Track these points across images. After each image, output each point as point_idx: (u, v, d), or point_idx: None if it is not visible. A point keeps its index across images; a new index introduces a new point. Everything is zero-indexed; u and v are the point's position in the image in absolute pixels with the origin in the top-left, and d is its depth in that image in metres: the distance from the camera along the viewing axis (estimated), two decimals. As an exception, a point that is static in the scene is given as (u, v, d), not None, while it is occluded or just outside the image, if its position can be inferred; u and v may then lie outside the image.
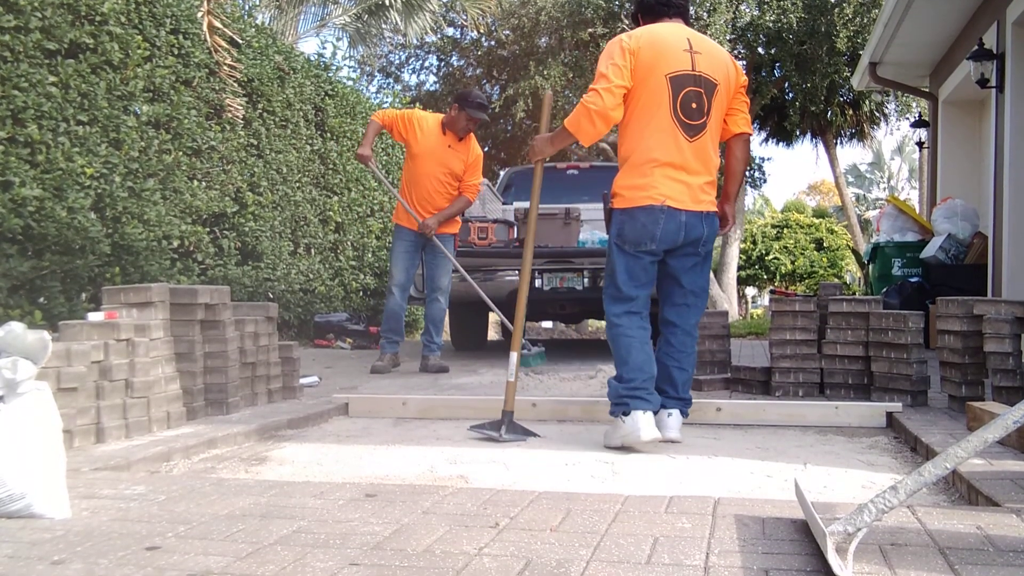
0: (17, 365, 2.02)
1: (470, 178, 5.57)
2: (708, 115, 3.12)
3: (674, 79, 3.07)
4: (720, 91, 3.14)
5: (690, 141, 3.10)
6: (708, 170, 3.16)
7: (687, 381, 3.27)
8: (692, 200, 3.12)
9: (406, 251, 5.52)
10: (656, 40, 3.11)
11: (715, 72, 3.13)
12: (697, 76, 3.09)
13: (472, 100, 5.48)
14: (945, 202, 7.49)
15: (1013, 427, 1.73)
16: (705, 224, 3.16)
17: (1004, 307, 3.34)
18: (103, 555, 1.72)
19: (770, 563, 1.65)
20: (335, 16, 14.82)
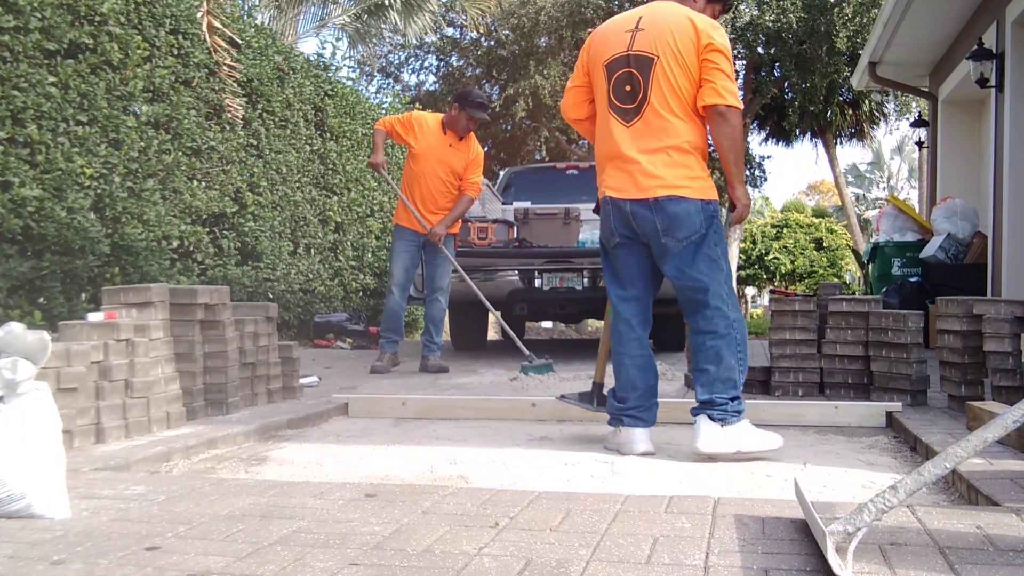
0: (17, 365, 2.02)
1: (471, 175, 5.58)
2: (646, 93, 2.88)
3: (608, 65, 2.97)
4: (661, 64, 2.86)
5: (627, 126, 2.93)
6: (658, 151, 2.88)
7: (708, 382, 2.91)
8: (635, 188, 2.91)
9: (406, 251, 5.52)
10: (604, 29, 3.06)
11: (652, 45, 2.88)
12: (630, 55, 2.92)
13: (472, 99, 5.48)
14: (945, 202, 7.49)
15: (1013, 427, 1.73)
16: (655, 211, 2.88)
17: (1004, 307, 3.34)
18: (103, 555, 1.72)
19: (770, 563, 1.65)
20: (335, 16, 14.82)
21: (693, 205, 2.87)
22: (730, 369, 2.89)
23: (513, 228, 6.93)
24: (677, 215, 2.86)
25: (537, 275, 6.22)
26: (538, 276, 6.22)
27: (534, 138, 17.77)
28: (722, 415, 2.86)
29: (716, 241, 2.92)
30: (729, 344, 2.90)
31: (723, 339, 2.90)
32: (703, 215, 2.88)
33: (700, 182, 2.91)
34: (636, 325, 3.10)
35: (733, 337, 2.91)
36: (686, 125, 2.89)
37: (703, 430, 2.87)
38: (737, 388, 2.90)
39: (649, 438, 3.01)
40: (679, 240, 2.88)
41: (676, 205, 2.86)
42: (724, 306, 2.92)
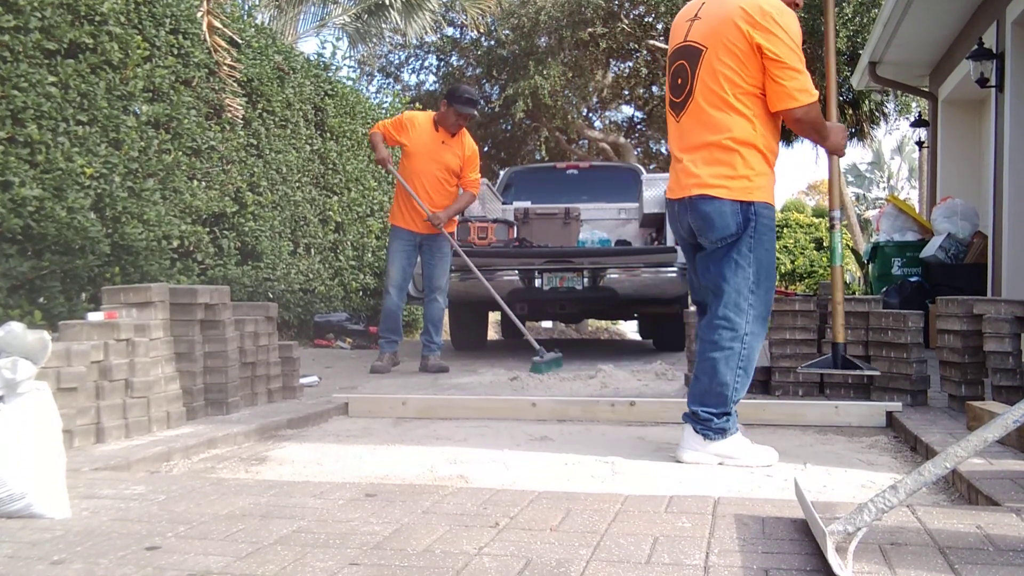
0: (17, 365, 2.02)
1: (469, 173, 5.58)
2: (692, 87, 2.77)
3: (670, 57, 2.89)
4: (709, 56, 2.72)
5: (676, 121, 2.85)
6: (700, 148, 2.77)
7: (698, 394, 2.82)
8: (678, 186, 2.85)
9: (402, 250, 5.53)
10: (676, 19, 2.94)
11: (705, 36, 2.74)
12: (684, 47, 2.81)
13: (460, 96, 5.47)
14: (945, 201, 7.50)
15: (1013, 426, 1.73)
16: (690, 211, 2.79)
17: (1004, 306, 3.34)
18: (103, 555, 1.72)
19: (770, 562, 1.65)
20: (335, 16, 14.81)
21: (728, 206, 2.72)
22: (723, 385, 2.76)
23: (513, 228, 6.93)
24: (708, 215, 2.74)
25: (537, 275, 6.22)
26: (538, 276, 6.22)
27: (534, 138, 17.77)
28: (704, 430, 2.79)
29: (751, 247, 2.74)
30: (729, 359, 2.76)
31: (723, 352, 2.76)
32: (739, 217, 2.72)
33: (741, 182, 2.72)
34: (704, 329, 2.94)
35: (736, 352, 2.76)
36: (732, 119, 2.71)
37: (686, 438, 2.84)
38: (727, 405, 2.78)
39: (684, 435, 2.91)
40: (712, 241, 2.78)
41: (708, 205, 2.74)
42: (736, 316, 2.75)
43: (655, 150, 20.74)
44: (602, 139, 17.68)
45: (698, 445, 2.80)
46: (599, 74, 16.38)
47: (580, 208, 7.14)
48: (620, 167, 9.35)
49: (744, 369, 2.79)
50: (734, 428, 2.83)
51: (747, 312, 2.76)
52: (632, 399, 3.86)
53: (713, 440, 2.79)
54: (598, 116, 19.63)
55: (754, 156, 2.74)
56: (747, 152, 2.73)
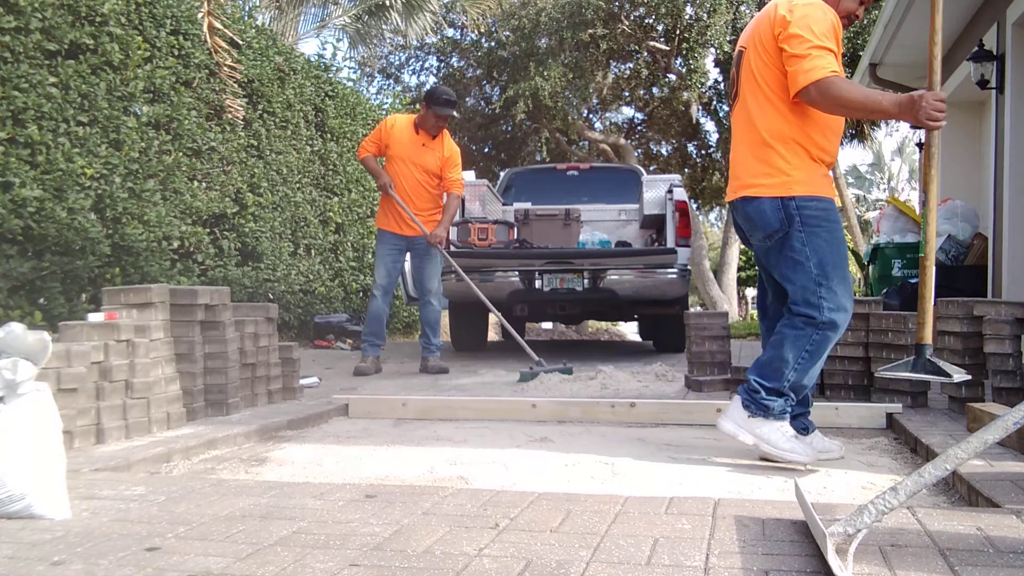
0: (17, 366, 2.02)
1: (450, 174, 5.52)
2: (737, 87, 2.85)
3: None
4: (748, 55, 2.78)
5: (731, 125, 2.93)
6: (747, 146, 2.78)
7: (757, 364, 2.80)
8: (729, 190, 2.91)
9: (389, 253, 5.50)
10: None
11: (746, 38, 2.83)
12: (737, 52, 2.90)
13: (438, 97, 5.43)
14: (945, 203, 7.49)
15: (1013, 428, 1.73)
16: (738, 213, 2.85)
17: (1004, 308, 3.34)
18: (103, 556, 1.72)
19: (770, 564, 1.65)
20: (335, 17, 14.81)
21: (767, 203, 2.71)
22: (783, 361, 2.72)
23: (513, 229, 6.93)
24: (749, 216, 2.77)
25: (537, 276, 6.22)
26: (538, 277, 6.22)
27: (534, 139, 17.78)
28: (748, 401, 2.76)
29: (803, 241, 2.70)
30: (799, 339, 2.71)
31: (795, 331, 2.72)
32: (781, 213, 2.70)
33: (779, 177, 2.71)
34: (769, 328, 2.96)
35: (807, 335, 2.71)
36: (768, 116, 2.72)
37: (732, 408, 2.79)
38: (781, 381, 2.72)
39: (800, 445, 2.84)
40: (761, 240, 2.78)
41: (748, 205, 2.76)
42: (811, 311, 2.70)
43: (655, 151, 20.76)
44: (602, 140, 17.69)
45: (740, 419, 2.76)
46: (599, 75, 16.39)
47: (580, 209, 7.14)
48: (620, 168, 9.35)
49: (811, 353, 2.72)
50: (780, 413, 2.76)
51: (821, 305, 2.70)
52: (632, 400, 3.86)
53: (754, 416, 2.73)
54: (598, 117, 19.65)
55: (792, 150, 2.71)
56: (783, 147, 2.71)
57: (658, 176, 7.40)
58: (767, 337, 2.95)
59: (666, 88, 17.80)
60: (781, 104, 2.71)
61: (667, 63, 15.73)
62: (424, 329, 5.61)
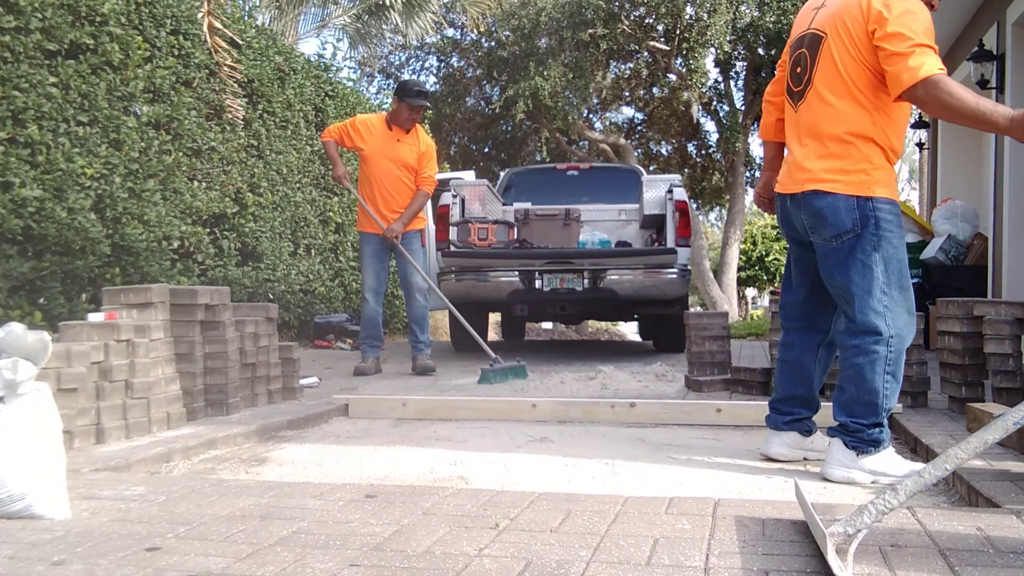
0: (17, 366, 2.02)
1: (425, 170, 5.45)
2: (812, 74, 2.66)
3: (791, 46, 2.80)
4: (829, 43, 2.62)
5: (795, 111, 2.73)
6: (817, 139, 2.65)
7: (845, 403, 2.64)
8: (790, 180, 2.72)
9: (374, 255, 5.45)
10: (803, 8, 2.84)
11: (826, 23, 2.64)
12: (807, 35, 2.71)
13: (410, 90, 5.40)
14: (945, 203, 7.50)
15: (1013, 428, 1.73)
16: (802, 207, 2.66)
17: (1004, 308, 3.34)
18: (103, 556, 1.72)
19: (770, 564, 1.65)
20: (335, 17, 14.81)
21: (842, 201, 2.58)
22: (872, 392, 2.58)
23: (513, 229, 6.93)
24: (821, 211, 2.60)
25: (537, 276, 6.22)
26: (538, 277, 6.21)
27: (534, 139, 17.79)
28: (856, 443, 2.59)
29: (875, 245, 2.58)
30: (875, 364, 2.58)
31: (868, 356, 2.58)
32: (856, 213, 2.57)
33: (858, 176, 2.59)
34: (793, 330, 2.88)
35: (882, 356, 2.58)
36: (851, 110, 2.59)
37: (836, 455, 2.62)
38: (879, 414, 2.59)
39: (779, 442, 2.87)
40: (827, 240, 2.63)
41: (820, 200, 2.60)
42: (875, 320, 2.58)
43: (655, 151, 20.76)
44: (602, 140, 17.69)
45: (849, 461, 2.60)
46: (599, 75, 16.39)
47: (580, 209, 7.14)
48: (620, 168, 9.35)
49: (893, 375, 2.60)
50: (887, 441, 2.63)
51: (885, 315, 2.58)
52: (632, 400, 3.86)
53: (866, 454, 2.59)
54: (598, 117, 19.65)
55: (872, 149, 2.61)
56: (864, 146, 2.60)
57: (658, 176, 7.39)
58: (792, 339, 2.87)
59: (666, 88, 17.81)
60: (866, 101, 2.59)
61: (667, 63, 15.73)
62: (411, 327, 5.55)
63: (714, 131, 18.03)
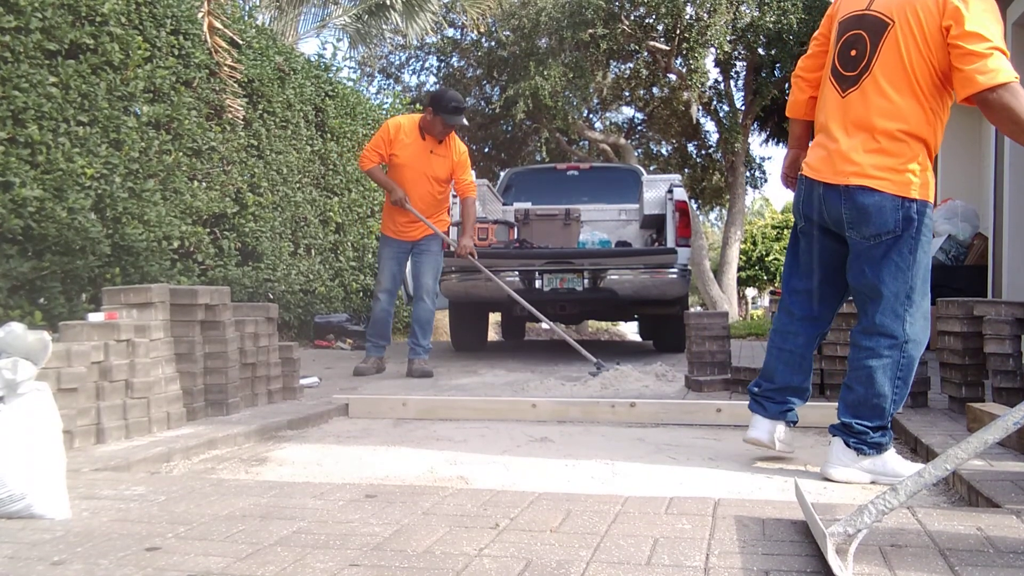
0: (17, 365, 2.02)
1: (464, 176, 5.41)
2: (871, 62, 2.53)
3: (842, 24, 2.64)
4: (895, 32, 2.50)
5: (842, 96, 2.59)
6: (859, 132, 2.55)
7: (852, 403, 2.62)
8: (830, 170, 2.59)
9: (394, 256, 5.41)
10: None
11: (894, 9, 2.51)
12: (864, 15, 2.57)
13: (447, 105, 5.18)
14: (945, 203, 7.49)
15: (1013, 428, 1.73)
16: (843, 201, 2.56)
17: (1004, 308, 3.34)
18: (103, 555, 1.72)
19: (770, 564, 1.65)
20: (335, 17, 14.81)
21: (888, 201, 2.50)
22: (880, 396, 2.58)
23: (513, 229, 6.93)
24: (866, 208, 2.52)
25: (537, 276, 6.22)
26: (538, 277, 6.22)
27: (534, 139, 17.78)
28: (858, 444, 2.59)
29: (912, 248, 2.53)
30: (887, 368, 2.57)
31: (880, 360, 2.57)
32: (900, 214, 2.50)
33: (906, 176, 2.51)
34: (797, 319, 2.80)
35: (894, 360, 2.57)
36: (910, 107, 2.51)
37: (837, 454, 2.61)
38: (884, 418, 2.60)
39: (770, 429, 2.83)
40: (866, 238, 2.56)
41: (868, 197, 2.52)
42: (893, 324, 2.56)
43: (655, 151, 20.76)
44: (602, 140, 17.69)
45: (849, 460, 2.60)
46: (599, 75, 16.39)
47: (580, 209, 7.14)
48: (620, 168, 9.35)
49: (903, 379, 2.59)
50: (889, 443, 2.64)
51: (904, 319, 2.55)
52: (632, 400, 3.86)
53: (867, 455, 2.59)
54: (598, 117, 19.65)
55: (922, 151, 2.54)
56: (915, 146, 2.53)
57: (658, 176, 7.40)
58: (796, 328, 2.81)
59: (666, 88, 17.81)
60: (924, 100, 2.51)
61: (667, 63, 15.73)
62: (414, 328, 5.44)
63: (714, 131, 18.03)
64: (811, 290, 2.78)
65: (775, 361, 2.86)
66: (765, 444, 2.87)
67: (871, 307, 2.59)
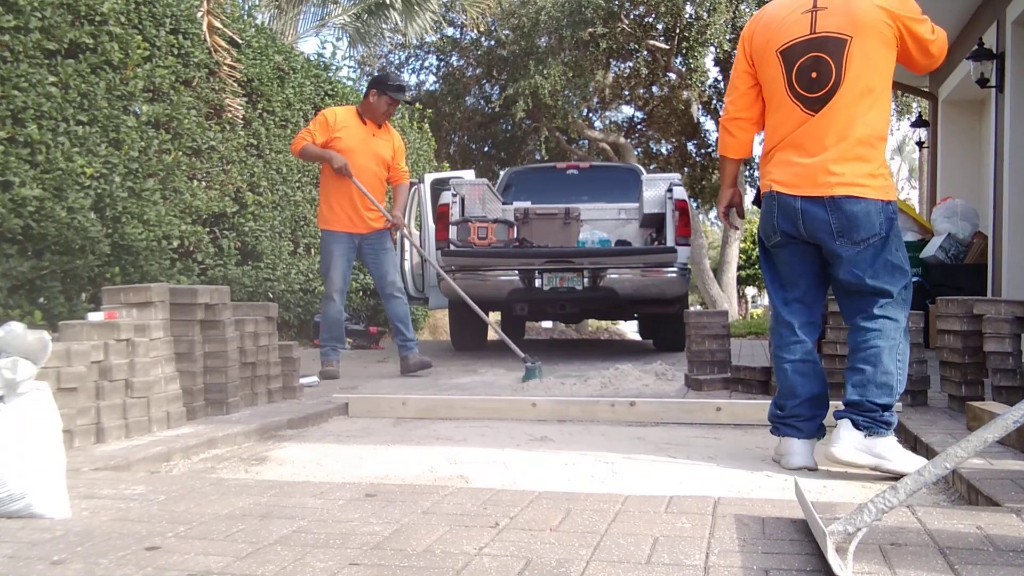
0: (17, 365, 2.02)
1: (401, 163, 5.40)
2: (840, 78, 2.64)
3: (785, 52, 2.72)
4: (857, 45, 2.63)
5: (812, 115, 2.67)
6: (843, 143, 2.64)
7: (861, 383, 2.65)
8: (808, 183, 2.66)
9: (344, 254, 5.24)
10: (771, 14, 2.79)
11: (846, 26, 2.64)
12: (815, 39, 2.67)
13: (392, 82, 5.23)
14: (945, 202, 7.50)
15: (1013, 427, 1.73)
16: (830, 211, 2.63)
17: (1004, 307, 3.34)
18: (103, 555, 1.72)
19: (770, 563, 1.65)
20: (335, 16, 14.81)
21: (873, 206, 2.62)
22: (887, 374, 2.63)
23: (513, 228, 6.92)
24: (856, 216, 2.62)
25: (537, 275, 6.22)
26: (538, 276, 6.21)
27: (534, 138, 17.78)
28: (868, 423, 2.61)
29: (897, 245, 2.68)
30: (892, 349, 2.65)
31: (888, 342, 2.65)
32: (883, 216, 2.64)
33: (881, 180, 2.65)
34: (799, 328, 2.83)
35: (897, 344, 2.67)
36: (876, 111, 2.66)
37: (843, 435, 2.62)
38: (892, 396, 2.64)
39: (810, 451, 2.77)
40: (856, 243, 2.65)
41: (855, 205, 2.62)
42: (898, 315, 2.68)
43: (655, 150, 20.75)
44: (602, 139, 17.69)
45: (856, 441, 2.61)
46: (599, 74, 16.39)
47: (580, 208, 7.14)
48: (620, 167, 9.35)
49: (902, 360, 2.68)
50: (895, 423, 2.69)
51: (903, 306, 2.70)
52: (632, 399, 3.86)
53: (874, 436, 2.61)
54: (598, 116, 19.65)
55: (883, 153, 2.70)
56: (880, 147, 2.68)
57: (658, 175, 7.39)
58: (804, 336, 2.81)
59: (666, 87, 17.81)
60: (885, 104, 2.68)
61: (667, 62, 15.73)
62: (397, 326, 5.36)
63: (714, 130, 18.02)
64: (801, 298, 2.84)
65: (792, 376, 2.82)
66: (811, 468, 2.77)
67: (874, 300, 2.68)
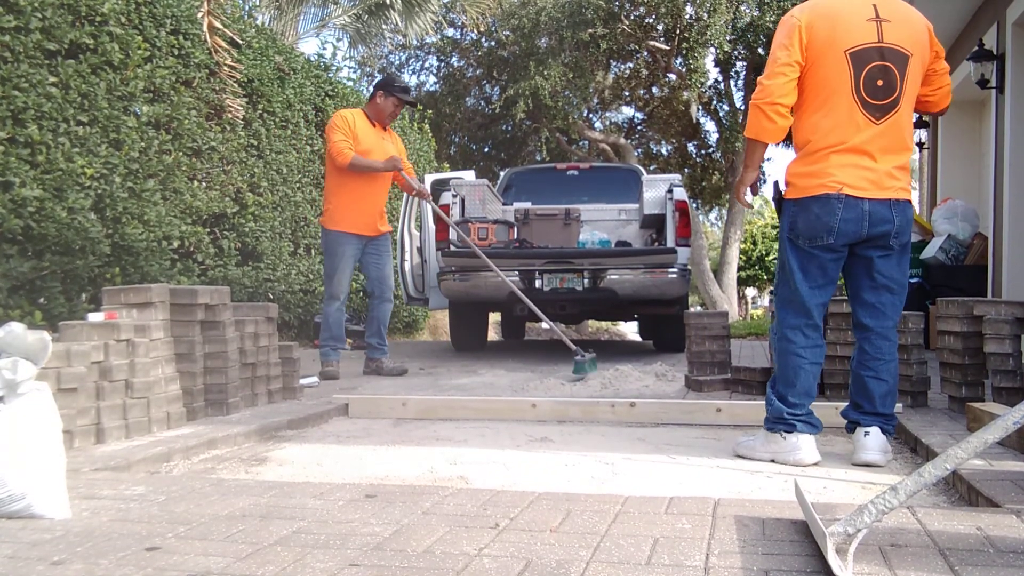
0: (17, 365, 2.02)
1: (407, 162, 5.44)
2: (900, 91, 2.77)
3: (855, 54, 2.75)
4: (914, 62, 2.78)
5: (876, 123, 2.76)
6: (899, 153, 2.82)
7: (887, 394, 2.88)
8: (876, 187, 2.78)
9: (352, 256, 5.24)
10: (832, 10, 2.79)
11: (906, 41, 2.76)
12: (884, 48, 2.75)
13: (398, 84, 5.34)
14: (945, 203, 7.49)
15: (1013, 428, 1.73)
16: (895, 213, 2.79)
17: (1004, 308, 3.34)
18: (103, 555, 1.72)
19: (770, 564, 1.65)
20: (335, 16, 14.81)
21: (912, 212, 2.92)
22: (898, 383, 2.97)
23: (513, 228, 6.93)
24: (909, 219, 2.88)
25: (537, 276, 6.21)
26: (538, 277, 6.21)
27: (534, 139, 17.78)
28: (891, 429, 2.92)
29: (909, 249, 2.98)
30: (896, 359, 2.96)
31: (896, 352, 2.96)
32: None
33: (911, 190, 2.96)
34: (820, 331, 2.95)
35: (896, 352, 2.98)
36: (911, 126, 2.92)
37: (879, 442, 2.85)
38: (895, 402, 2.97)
39: (815, 445, 2.92)
40: (902, 244, 2.88)
41: (908, 210, 2.87)
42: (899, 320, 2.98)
43: (655, 151, 20.75)
44: (602, 140, 17.69)
45: (887, 447, 2.88)
46: (599, 75, 16.40)
47: (580, 209, 7.14)
48: (620, 168, 9.34)
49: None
50: None
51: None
52: (632, 400, 3.86)
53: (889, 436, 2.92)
54: (598, 117, 19.65)
55: None
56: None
57: (658, 176, 7.39)
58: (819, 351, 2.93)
59: (666, 88, 17.81)
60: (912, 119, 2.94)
61: (667, 63, 15.74)
62: (379, 328, 5.38)
63: (714, 131, 18.04)
64: (826, 302, 2.98)
65: (810, 377, 2.91)
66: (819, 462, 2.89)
67: (896, 300, 2.91)
